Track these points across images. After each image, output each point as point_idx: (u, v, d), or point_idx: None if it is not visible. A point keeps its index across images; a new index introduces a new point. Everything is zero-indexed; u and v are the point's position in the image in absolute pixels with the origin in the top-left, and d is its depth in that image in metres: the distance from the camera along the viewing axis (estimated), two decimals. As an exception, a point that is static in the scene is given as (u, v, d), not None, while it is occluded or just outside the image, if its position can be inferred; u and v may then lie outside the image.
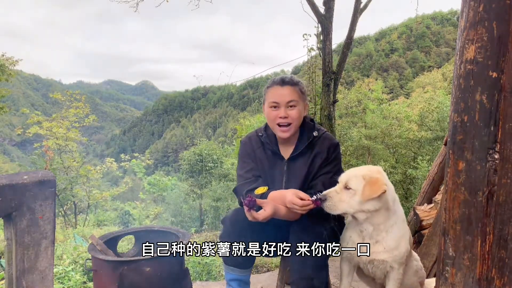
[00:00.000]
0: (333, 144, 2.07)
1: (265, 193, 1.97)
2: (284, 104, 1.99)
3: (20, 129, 15.00)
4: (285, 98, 1.99)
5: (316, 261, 1.82)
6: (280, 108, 2.00)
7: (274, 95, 2.02)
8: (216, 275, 4.04)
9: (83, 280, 3.37)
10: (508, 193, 1.17)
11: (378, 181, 1.75)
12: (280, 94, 2.00)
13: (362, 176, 1.77)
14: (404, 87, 66.05)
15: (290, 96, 2.00)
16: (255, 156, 2.14)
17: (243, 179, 2.10)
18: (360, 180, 1.76)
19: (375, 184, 1.74)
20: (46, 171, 1.57)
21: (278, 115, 2.00)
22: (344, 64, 6.56)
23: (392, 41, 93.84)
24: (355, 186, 1.76)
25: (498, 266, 1.20)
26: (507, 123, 1.16)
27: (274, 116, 2.02)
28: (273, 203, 1.88)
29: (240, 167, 2.18)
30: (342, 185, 1.80)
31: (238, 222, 1.99)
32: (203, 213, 11.55)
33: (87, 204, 13.60)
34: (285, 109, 1.99)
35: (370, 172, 1.81)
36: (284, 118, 1.99)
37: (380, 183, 1.74)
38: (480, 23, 1.19)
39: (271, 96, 2.03)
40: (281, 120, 2.00)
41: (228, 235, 2.00)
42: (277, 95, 2.01)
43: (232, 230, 1.99)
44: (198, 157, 12.02)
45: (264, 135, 2.15)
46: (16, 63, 15.72)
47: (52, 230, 1.52)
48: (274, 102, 2.01)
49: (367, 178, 1.76)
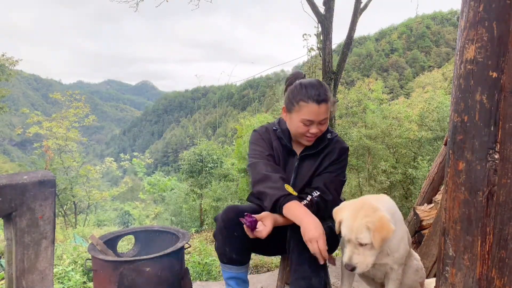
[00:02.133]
0: (344, 148, 2.09)
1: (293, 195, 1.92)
2: (317, 122, 1.96)
3: (20, 129, 15.02)
4: (320, 117, 1.95)
5: (315, 261, 1.82)
6: (313, 124, 1.97)
7: (309, 114, 1.94)
8: (216, 275, 4.04)
9: (83, 280, 3.37)
10: (508, 193, 1.17)
11: (383, 224, 1.67)
12: (317, 113, 1.94)
13: (366, 227, 1.68)
14: (404, 87, 66.13)
15: (325, 115, 1.96)
16: (272, 145, 2.14)
17: (262, 158, 2.06)
18: (366, 232, 1.68)
19: (383, 229, 1.66)
20: (46, 171, 1.57)
21: (309, 130, 1.97)
22: (344, 64, 6.57)
23: (392, 41, 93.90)
24: (366, 240, 1.69)
25: (498, 266, 1.20)
26: (507, 123, 1.16)
27: (305, 131, 1.99)
28: (272, 216, 1.88)
29: (255, 149, 2.11)
30: (354, 244, 1.73)
31: (230, 218, 2.00)
32: (203, 213, 11.55)
33: (87, 204, 13.61)
34: (318, 125, 1.97)
35: (369, 216, 1.70)
36: (315, 134, 1.98)
37: (386, 226, 1.66)
38: (480, 23, 1.19)
39: (306, 113, 1.94)
40: (311, 136, 1.99)
41: (221, 232, 2.01)
42: (313, 114, 1.94)
43: (224, 226, 2.00)
44: (198, 157, 12.01)
45: (278, 129, 2.15)
46: (16, 63, 15.74)
47: (52, 230, 1.52)
48: (308, 120, 1.95)
49: (372, 227, 1.67)
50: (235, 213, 2.02)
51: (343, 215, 1.75)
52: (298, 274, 1.83)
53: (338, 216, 1.78)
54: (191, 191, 12.23)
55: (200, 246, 4.96)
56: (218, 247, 2.04)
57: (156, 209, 13.45)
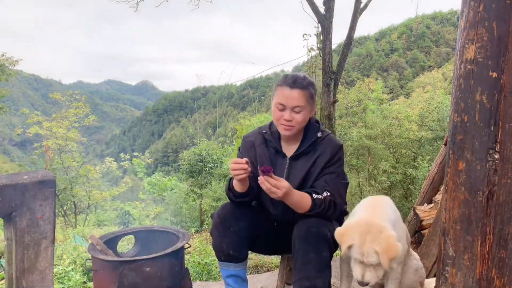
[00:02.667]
0: (337, 146, 2.05)
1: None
2: (290, 107, 1.95)
3: (20, 129, 15.02)
4: (292, 102, 1.95)
5: (320, 262, 1.82)
6: (286, 110, 1.96)
7: (281, 97, 1.97)
8: (216, 275, 4.04)
9: (83, 280, 3.37)
10: (508, 193, 1.17)
11: (390, 245, 1.70)
12: (288, 97, 1.95)
13: (374, 250, 1.72)
14: (404, 87, 66.15)
15: (297, 101, 1.95)
16: (256, 152, 2.14)
17: None
18: (374, 254, 1.72)
19: (390, 251, 1.69)
20: (46, 171, 1.57)
21: (283, 116, 1.97)
22: (344, 64, 6.57)
23: (392, 41, 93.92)
24: (375, 260, 1.72)
25: (498, 266, 1.20)
26: (507, 123, 1.16)
27: (279, 116, 1.99)
28: (288, 184, 1.84)
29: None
30: (364, 264, 1.76)
31: (226, 214, 2.01)
32: (203, 213, 11.55)
33: (87, 204, 13.61)
34: (291, 112, 1.96)
35: (377, 239, 1.73)
36: (288, 121, 1.96)
37: (393, 247, 1.70)
38: (480, 23, 1.19)
39: (279, 96, 1.98)
40: (285, 121, 1.97)
41: (217, 228, 2.01)
42: (285, 97, 1.96)
43: (220, 222, 2.00)
44: (198, 157, 12.01)
45: (268, 132, 2.15)
46: (16, 63, 15.73)
47: (52, 230, 1.52)
48: (280, 103, 1.97)
49: (380, 250, 1.71)
50: (231, 209, 2.03)
51: (351, 240, 1.76)
52: (302, 274, 1.83)
53: (345, 241, 1.78)
54: (191, 191, 12.23)
55: (200, 246, 4.96)
56: (215, 244, 2.05)
57: (156, 209, 13.44)
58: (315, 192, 1.94)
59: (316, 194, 1.93)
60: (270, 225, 2.17)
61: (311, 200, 1.91)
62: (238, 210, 2.04)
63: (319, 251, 1.83)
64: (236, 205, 2.06)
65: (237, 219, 2.00)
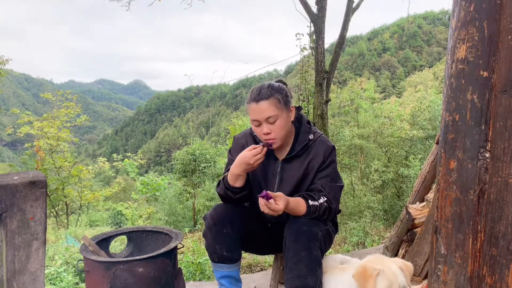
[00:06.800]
0: (329, 148, 2.04)
1: None
2: (263, 120, 1.93)
3: (10, 129, 14.82)
4: (263, 114, 1.92)
5: (311, 260, 1.83)
6: (262, 124, 1.95)
7: (252, 113, 1.96)
8: (209, 275, 4.03)
9: (75, 281, 3.34)
10: (499, 192, 1.18)
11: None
12: (257, 111, 1.93)
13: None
14: (396, 86, 66.57)
15: (267, 112, 1.92)
16: None
17: (226, 171, 2.09)
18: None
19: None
20: (36, 172, 1.56)
21: (261, 131, 1.96)
22: (337, 63, 6.60)
23: (384, 41, 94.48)
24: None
25: (489, 264, 1.21)
26: (497, 122, 1.17)
27: (259, 132, 1.98)
28: (285, 197, 1.86)
29: (227, 163, 2.16)
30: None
31: (219, 216, 2.00)
32: (197, 212, 11.51)
33: (79, 204, 13.49)
34: (267, 124, 1.93)
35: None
36: (268, 134, 1.94)
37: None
38: (471, 22, 1.20)
39: (251, 113, 1.97)
40: (265, 136, 1.95)
41: (210, 230, 2.01)
42: (255, 112, 1.94)
43: (213, 223, 2.00)
44: (191, 157, 11.95)
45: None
46: (6, 62, 15.52)
47: (43, 231, 1.51)
48: (254, 120, 1.96)
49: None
50: (223, 211, 2.02)
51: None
52: (294, 273, 1.83)
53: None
54: (184, 191, 12.18)
55: (193, 246, 4.94)
56: (208, 245, 2.04)
57: (149, 209, 13.36)
58: (311, 198, 1.94)
59: (312, 201, 1.93)
60: (263, 226, 2.16)
61: (306, 206, 1.91)
62: (231, 211, 2.03)
63: (309, 250, 1.83)
64: (229, 206, 2.05)
65: (230, 220, 1.99)
